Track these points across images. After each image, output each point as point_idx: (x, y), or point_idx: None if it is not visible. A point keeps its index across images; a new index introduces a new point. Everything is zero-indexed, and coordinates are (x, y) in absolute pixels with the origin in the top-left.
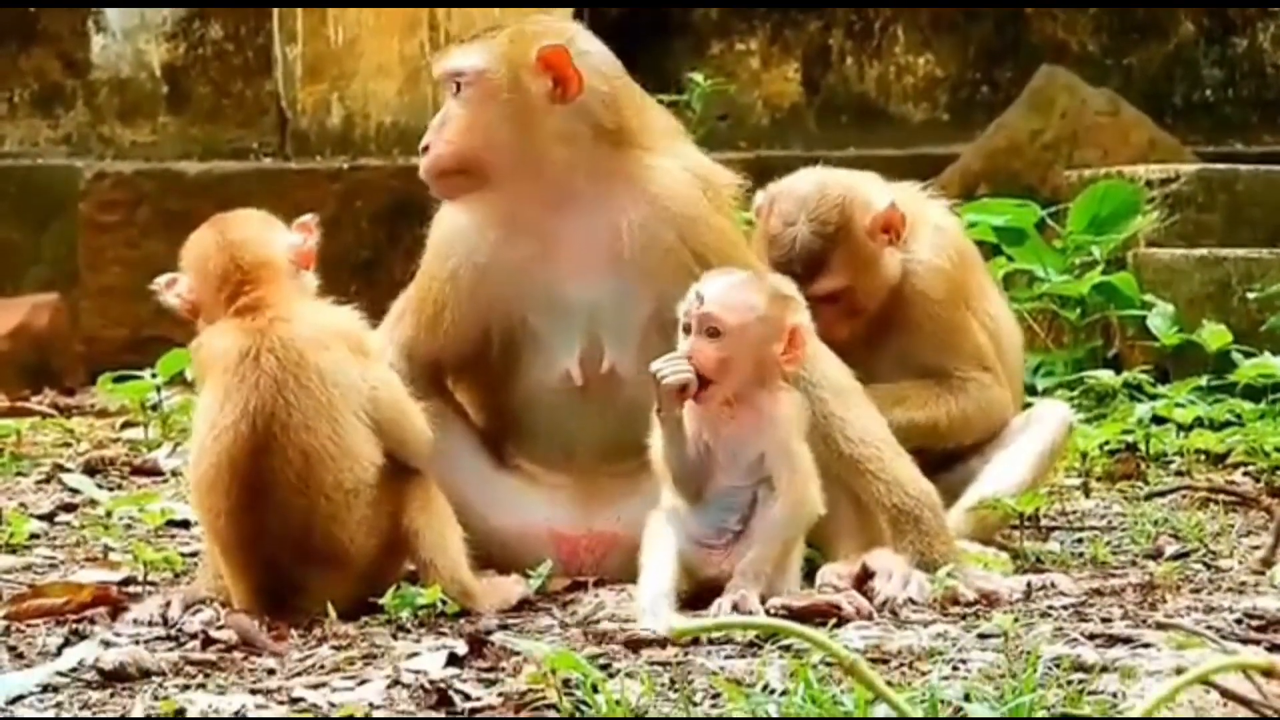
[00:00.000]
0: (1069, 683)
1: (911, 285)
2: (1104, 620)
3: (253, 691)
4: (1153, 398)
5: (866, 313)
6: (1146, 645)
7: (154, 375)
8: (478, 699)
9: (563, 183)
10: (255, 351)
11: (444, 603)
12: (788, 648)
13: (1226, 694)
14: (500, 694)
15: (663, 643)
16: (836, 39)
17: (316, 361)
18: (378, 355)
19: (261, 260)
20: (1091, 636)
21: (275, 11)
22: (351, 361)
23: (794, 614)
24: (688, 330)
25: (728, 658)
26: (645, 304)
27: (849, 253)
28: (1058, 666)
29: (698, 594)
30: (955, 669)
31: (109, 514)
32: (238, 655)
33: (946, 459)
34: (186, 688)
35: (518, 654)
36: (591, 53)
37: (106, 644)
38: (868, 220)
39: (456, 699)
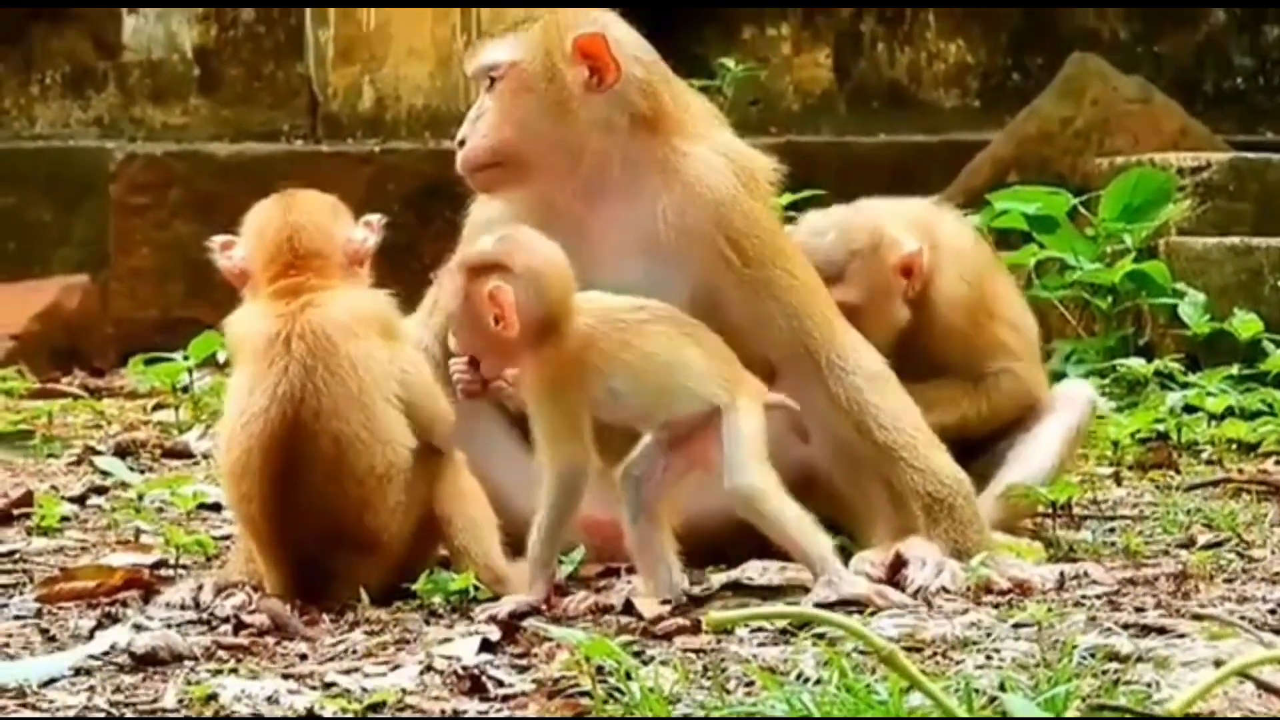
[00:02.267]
0: (1103, 673)
1: (933, 320)
2: (1138, 610)
3: (285, 676)
4: (1184, 386)
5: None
6: (1181, 635)
7: (185, 357)
8: (510, 685)
9: (599, 171)
10: (285, 336)
11: (477, 588)
12: (821, 636)
13: (1263, 686)
14: (533, 680)
15: (695, 629)
16: (868, 25)
17: (347, 348)
18: (406, 338)
19: (315, 248)
20: (1125, 626)
21: None
22: (382, 347)
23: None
24: None
25: (761, 645)
26: (680, 291)
27: (866, 274)
28: (1092, 656)
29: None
30: (989, 658)
31: (140, 497)
32: (270, 640)
33: (974, 445)
34: (219, 672)
35: (551, 640)
36: (626, 40)
37: (138, 628)
38: (893, 256)
39: (489, 685)
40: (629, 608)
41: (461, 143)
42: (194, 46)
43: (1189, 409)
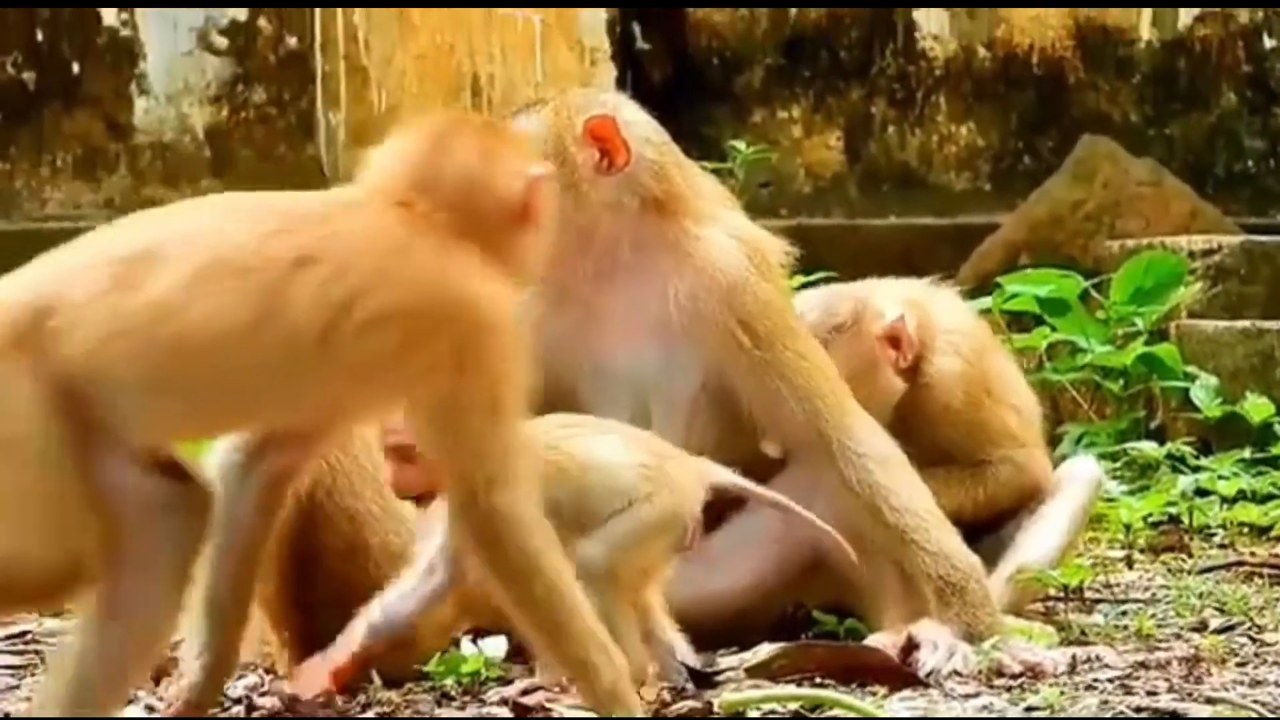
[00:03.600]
0: None
1: (931, 398)
2: (1150, 694)
3: None
4: (1196, 470)
5: None
6: (1193, 719)
7: None
8: None
9: (610, 253)
10: None
11: (488, 668)
12: (834, 719)
13: None
14: None
15: (708, 711)
16: (879, 107)
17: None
18: None
19: None
20: (1138, 710)
21: (318, 77)
22: None
23: (834, 670)
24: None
25: None
26: (693, 373)
27: (851, 350)
28: None
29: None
30: None
31: None
32: None
33: (981, 526)
34: None
35: None
36: (637, 122)
37: (150, 709)
38: (877, 327)
39: None
40: None
41: None
42: (205, 128)
43: (1201, 492)
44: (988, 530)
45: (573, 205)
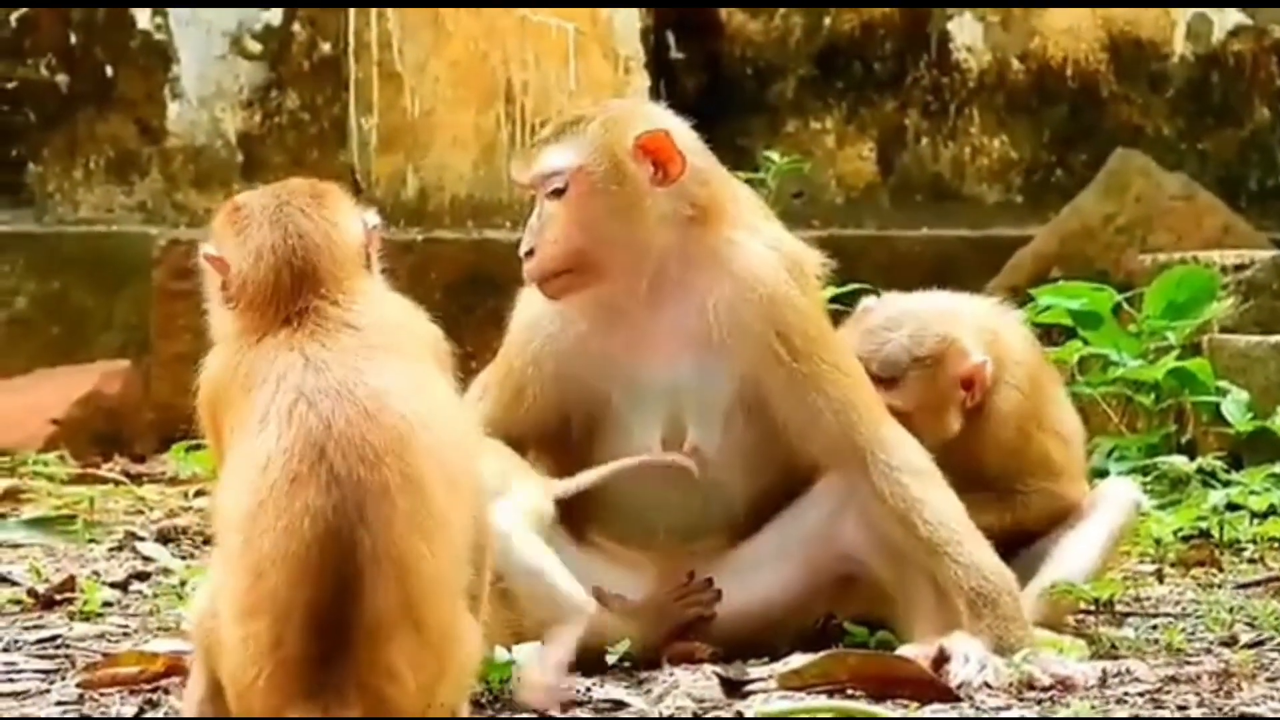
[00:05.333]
0: None
1: (984, 427)
2: (1180, 708)
3: None
4: (1226, 484)
5: None
6: None
7: None
8: None
9: (663, 269)
10: None
11: (504, 683)
12: None
13: None
14: None
15: None
16: (912, 119)
17: None
18: None
19: None
20: None
21: (351, 82)
22: None
23: (867, 680)
24: None
25: None
26: (729, 384)
27: (925, 385)
28: None
29: None
30: None
31: (183, 583)
32: None
33: (1016, 542)
34: None
35: None
36: (682, 132)
37: (180, 714)
38: (960, 367)
39: None
40: None
41: (529, 253)
42: (237, 133)
43: (1231, 507)
44: (1023, 546)
45: (633, 222)
